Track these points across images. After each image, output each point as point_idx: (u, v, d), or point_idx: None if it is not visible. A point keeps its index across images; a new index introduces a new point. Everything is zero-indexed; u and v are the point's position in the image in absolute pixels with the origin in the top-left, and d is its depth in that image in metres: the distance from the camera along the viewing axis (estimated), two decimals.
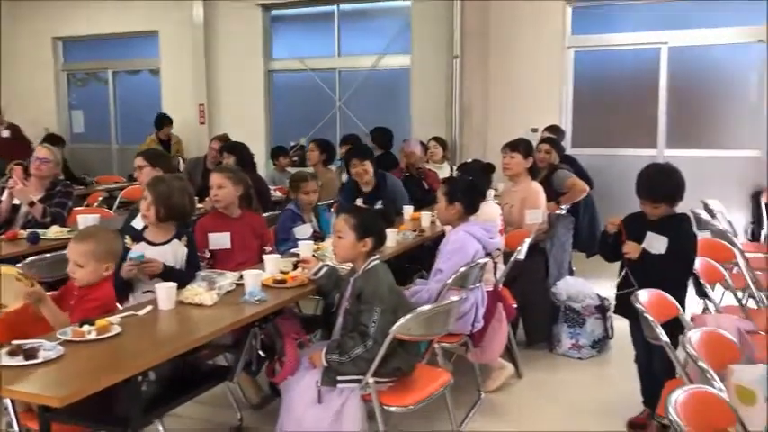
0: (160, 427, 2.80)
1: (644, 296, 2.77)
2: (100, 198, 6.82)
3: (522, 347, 4.49)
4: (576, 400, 3.93)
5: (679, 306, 2.93)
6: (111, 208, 6.33)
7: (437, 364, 3.35)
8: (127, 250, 3.13)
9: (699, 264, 3.46)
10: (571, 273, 5.38)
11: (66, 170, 7.06)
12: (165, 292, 2.72)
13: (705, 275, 3.42)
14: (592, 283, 4.78)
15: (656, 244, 3.21)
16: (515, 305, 4.21)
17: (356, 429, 2.72)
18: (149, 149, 4.49)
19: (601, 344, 4.58)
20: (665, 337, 2.58)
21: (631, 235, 3.28)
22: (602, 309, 4.57)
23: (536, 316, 4.63)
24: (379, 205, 5.09)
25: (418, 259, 4.60)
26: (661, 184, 3.22)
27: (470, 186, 3.92)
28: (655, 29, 7.32)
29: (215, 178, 3.79)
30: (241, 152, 5.31)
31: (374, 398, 2.73)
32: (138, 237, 3.20)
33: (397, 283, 4.04)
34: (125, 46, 10.03)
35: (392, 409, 2.79)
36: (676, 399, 1.73)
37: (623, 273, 3.37)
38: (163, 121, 8.76)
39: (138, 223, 3.69)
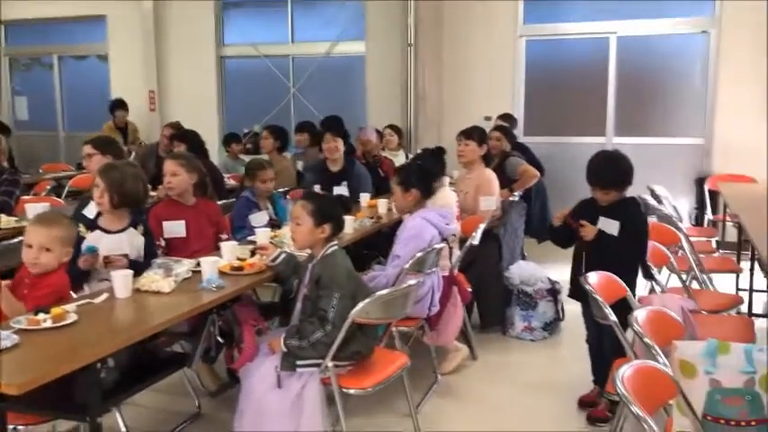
0: (118, 416, 2.79)
1: (593, 278, 2.87)
2: (48, 187, 6.66)
3: (476, 330, 4.58)
4: (529, 381, 4.05)
5: (627, 287, 3.04)
6: (59, 196, 6.20)
7: (394, 348, 3.41)
8: (81, 239, 3.08)
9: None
10: (523, 258, 5.50)
11: (11, 159, 6.88)
12: (122, 279, 2.70)
13: (652, 258, 3.55)
14: (543, 268, 4.91)
15: (609, 228, 3.32)
16: (470, 289, 4.30)
17: (316, 412, 2.75)
18: (98, 137, 4.39)
19: (552, 326, 4.71)
20: (613, 317, 2.68)
21: (584, 220, 3.37)
22: (553, 292, 4.70)
23: (490, 300, 4.73)
24: (344, 187, 5.16)
25: (375, 246, 4.65)
26: (610, 170, 3.33)
27: (423, 171, 3.98)
28: (604, 19, 7.50)
29: (168, 165, 3.75)
30: (192, 140, 5.26)
31: (333, 381, 2.77)
32: (92, 225, 3.16)
33: (356, 269, 4.10)
34: (71, 30, 9.77)
35: (351, 391, 2.84)
36: (623, 373, 1.81)
37: (581, 258, 3.47)
38: (117, 106, 8.52)
39: (89, 211, 3.63)
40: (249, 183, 4.41)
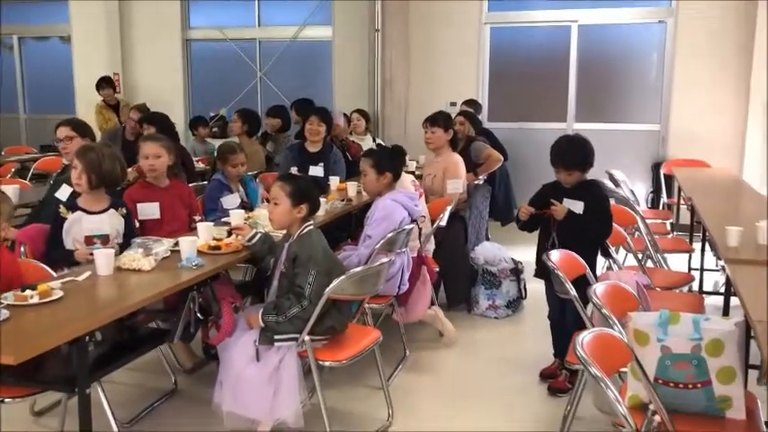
0: (100, 391, 2.86)
1: (555, 256, 3.04)
2: (12, 170, 6.60)
3: (443, 309, 4.74)
4: (493, 355, 4.23)
5: (587, 265, 3.22)
6: (23, 179, 6.16)
7: (367, 324, 3.55)
8: (63, 219, 3.15)
9: None
10: (488, 239, 5.68)
11: None
12: (104, 258, 2.77)
13: (609, 238, 3.74)
14: (507, 249, 5.09)
15: (574, 208, 3.51)
16: (437, 269, 4.46)
17: (294, 384, 2.88)
18: (74, 119, 4.39)
19: (515, 304, 4.91)
20: (573, 292, 2.86)
21: (547, 202, 3.55)
22: (516, 271, 4.89)
23: (456, 280, 4.90)
24: (320, 168, 5.27)
25: (346, 227, 4.78)
26: (573, 152, 3.52)
27: (395, 154, 4.13)
28: (566, 7, 7.69)
29: (151, 148, 3.79)
30: (161, 122, 5.27)
31: (310, 354, 2.90)
32: (73, 206, 3.21)
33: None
34: (32, 11, 9.59)
35: (327, 363, 2.97)
36: (583, 339, 1.98)
37: (547, 239, 3.64)
38: (102, 84, 8.14)
39: (62, 194, 3.68)
40: (220, 166, 4.48)
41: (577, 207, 3.44)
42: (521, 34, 7.99)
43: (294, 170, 5.04)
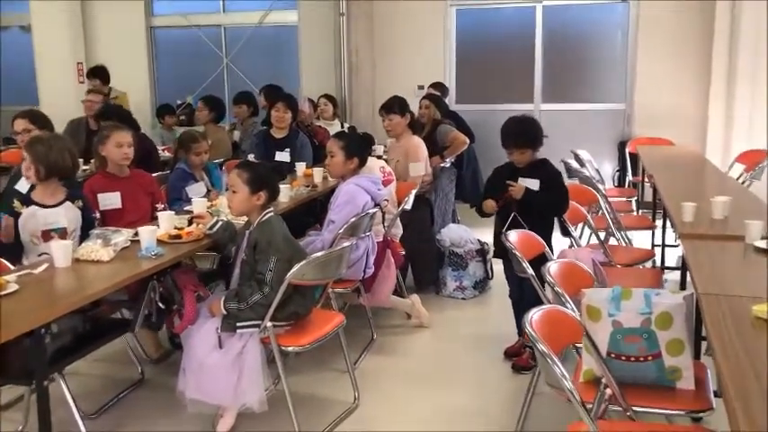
0: (63, 384, 2.86)
1: (513, 236, 3.08)
2: None
3: (411, 292, 4.79)
4: (460, 336, 4.29)
5: (545, 243, 3.27)
6: None
7: (331, 308, 3.57)
8: (17, 214, 3.12)
9: None
10: (455, 221, 5.72)
11: None
12: (61, 249, 2.76)
13: (569, 216, 3.81)
14: (475, 231, 5.14)
15: (529, 185, 3.56)
16: (403, 253, 4.49)
17: (257, 370, 2.89)
18: (31, 110, 4.34)
19: (482, 284, 4.97)
20: (531, 271, 2.91)
21: (503, 184, 3.60)
22: (482, 252, 4.94)
23: (423, 262, 4.93)
24: (286, 153, 5.26)
25: (313, 213, 4.79)
26: (523, 131, 3.58)
27: (364, 140, 4.14)
28: None
29: (125, 136, 3.76)
30: (118, 114, 5.21)
31: (272, 340, 2.91)
32: (26, 200, 3.18)
33: (294, 236, 4.24)
34: None
35: (290, 349, 2.99)
36: (532, 316, 2.02)
37: (504, 219, 3.68)
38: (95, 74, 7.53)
39: (22, 186, 3.64)
40: (183, 154, 4.45)
41: (533, 185, 3.49)
42: (486, 16, 8.02)
43: (251, 157, 5.03)
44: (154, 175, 4.95)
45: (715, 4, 6.74)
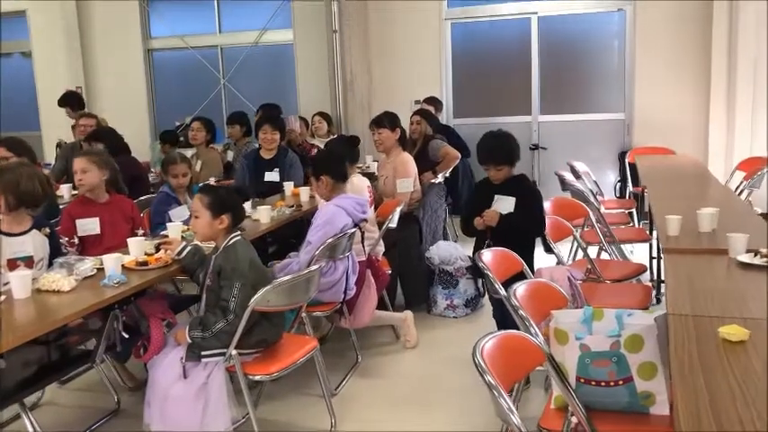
0: (24, 416, 2.79)
1: (487, 256, 2.98)
2: None
3: (401, 311, 4.68)
4: (448, 356, 4.16)
5: (524, 261, 3.17)
6: None
7: (305, 333, 3.48)
8: None
9: (547, 222, 3.73)
10: (446, 237, 5.62)
11: None
12: (19, 280, 2.70)
13: (552, 232, 3.70)
14: (467, 247, 5.02)
15: (505, 204, 3.47)
16: (390, 272, 4.40)
17: (222, 400, 2.81)
18: (10, 138, 4.34)
19: (474, 302, 4.85)
20: (503, 292, 2.80)
21: (481, 201, 3.51)
22: (473, 269, 4.83)
23: (413, 280, 4.84)
24: (275, 173, 5.22)
25: (298, 234, 4.71)
26: (499, 147, 3.48)
27: (330, 156, 4.06)
28: (525, 0, 7.64)
29: (78, 163, 3.74)
30: (109, 137, 5.20)
31: (238, 369, 2.83)
32: None
33: (277, 257, 4.17)
34: None
35: (257, 377, 2.90)
36: (484, 344, 1.92)
37: (482, 238, 3.60)
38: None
39: None
40: (165, 177, 4.41)
41: (508, 203, 3.40)
42: (481, 29, 7.94)
43: (212, 180, 5.01)
44: (143, 198, 4.94)
45: (712, 10, 6.62)
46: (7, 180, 3.05)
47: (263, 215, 4.15)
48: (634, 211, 6.31)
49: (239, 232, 3.06)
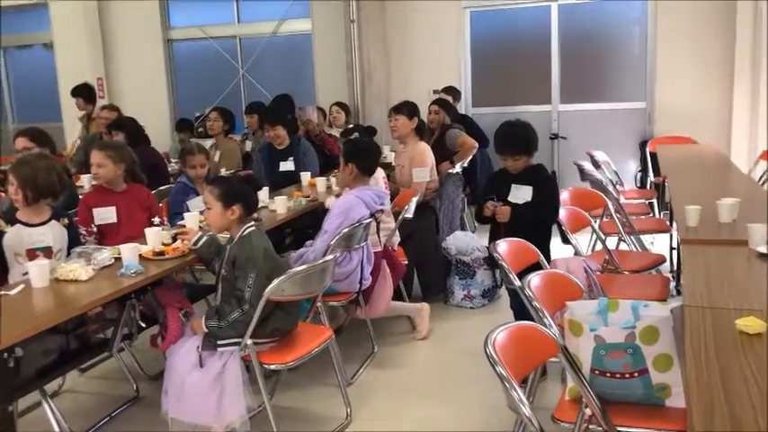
0: (45, 404, 2.84)
1: (503, 246, 2.96)
2: None
3: (419, 302, 4.68)
4: (465, 347, 4.15)
5: (540, 252, 3.14)
6: (6, 190, 6.14)
7: (320, 323, 3.49)
8: (1, 233, 3.11)
9: (564, 212, 3.70)
10: (463, 228, 5.60)
11: None
12: (38, 270, 2.73)
13: (569, 223, 3.66)
14: (483, 237, 5.00)
15: (522, 193, 3.45)
16: (407, 262, 4.40)
17: (237, 389, 2.83)
18: (32, 128, 4.38)
19: (491, 293, 4.83)
20: (518, 282, 2.78)
21: (497, 190, 3.48)
22: (490, 260, 4.81)
23: (430, 271, 4.83)
24: (290, 162, 5.23)
25: (315, 224, 4.72)
26: (517, 137, 3.45)
27: (365, 147, 4.04)
28: None
29: (95, 156, 3.77)
30: (129, 127, 5.24)
31: (253, 358, 2.85)
32: (11, 219, 3.18)
33: (294, 247, 4.18)
34: (14, 20, 9.58)
35: (272, 367, 2.92)
36: (496, 336, 1.91)
37: (498, 228, 3.57)
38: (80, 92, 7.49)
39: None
40: (183, 167, 4.43)
41: (526, 192, 3.37)
42: (501, 17, 7.85)
43: (223, 171, 5.04)
44: (162, 188, 4.98)
45: None
46: (26, 174, 3.08)
47: (279, 205, 4.16)
48: (654, 201, 6.24)
49: (254, 222, 3.06)
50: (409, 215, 4.35)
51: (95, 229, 3.78)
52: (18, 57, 9.85)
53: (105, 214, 3.78)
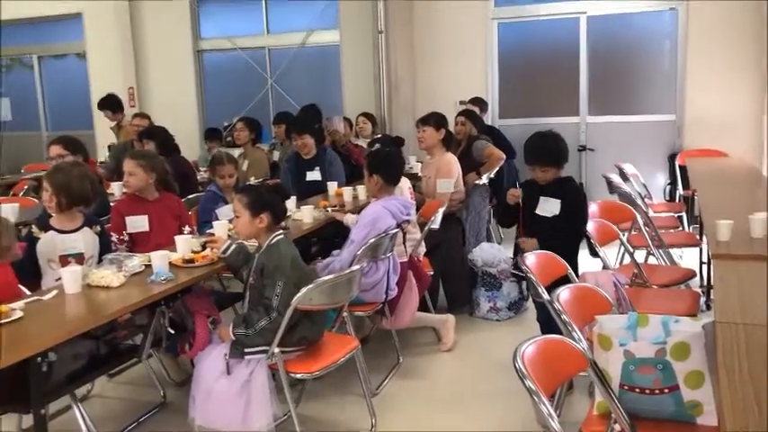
0: (75, 409, 2.88)
1: (531, 259, 2.95)
2: (25, 187, 6.74)
3: (444, 313, 4.66)
4: (491, 359, 4.14)
5: (568, 265, 3.12)
6: (39, 196, 6.26)
7: (346, 333, 3.50)
8: (35, 239, 3.17)
9: (593, 225, 3.68)
10: (489, 239, 5.57)
11: None
12: (70, 276, 2.78)
13: (598, 236, 3.63)
14: (510, 249, 4.98)
15: (550, 206, 3.43)
16: (432, 273, 4.39)
17: (264, 398, 2.85)
18: (66, 137, 4.47)
19: (518, 305, 4.80)
20: (546, 296, 2.76)
21: (526, 201, 3.47)
22: (516, 272, 4.78)
23: (456, 282, 4.82)
24: (316, 172, 5.27)
25: (341, 234, 4.74)
26: (547, 149, 3.44)
27: (389, 157, 4.05)
28: None
29: (127, 164, 3.83)
30: (160, 136, 5.32)
31: (280, 366, 2.86)
32: (45, 226, 3.24)
33: (320, 256, 4.20)
34: (49, 30, 9.81)
35: (298, 376, 2.93)
36: (525, 349, 1.90)
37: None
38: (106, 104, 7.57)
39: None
40: (212, 176, 4.48)
41: (553, 205, 3.35)
42: (529, 29, 7.84)
43: (252, 180, 5.07)
44: (191, 196, 5.04)
45: (767, 8, 6.41)
46: (60, 182, 3.14)
47: (305, 215, 4.18)
48: (684, 214, 6.16)
49: (282, 231, 3.09)
50: (435, 226, 4.34)
51: (127, 237, 3.83)
52: (52, 66, 10.06)
53: (138, 222, 3.84)
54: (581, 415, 2.71)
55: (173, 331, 2.99)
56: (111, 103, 7.47)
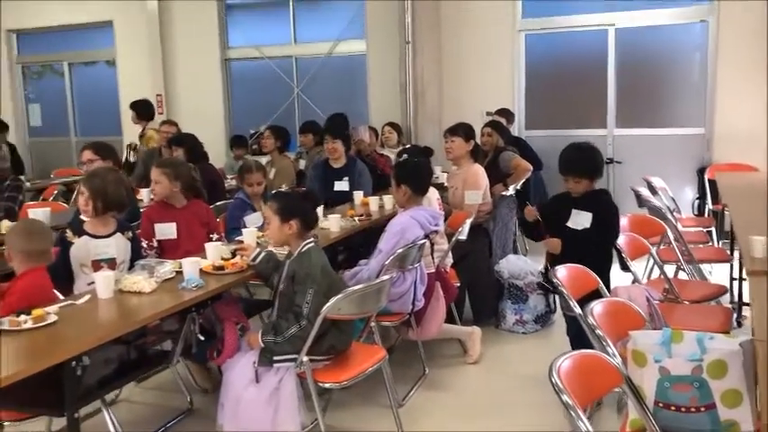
0: (105, 413, 2.91)
1: (562, 272, 2.92)
2: (55, 191, 6.84)
3: (469, 325, 4.64)
4: (517, 373, 4.11)
5: (599, 279, 3.09)
6: (68, 201, 6.35)
7: (374, 343, 3.49)
8: (69, 243, 3.21)
9: (624, 239, 3.64)
10: (515, 251, 5.54)
11: (17, 164, 7.05)
12: (104, 281, 2.81)
13: (629, 250, 3.60)
14: (538, 261, 4.94)
15: (581, 219, 3.40)
16: (459, 284, 4.38)
17: (292, 406, 2.85)
18: (97, 142, 4.53)
19: (544, 318, 4.77)
20: (578, 310, 2.74)
21: (558, 214, 3.45)
22: (544, 285, 4.74)
23: (482, 294, 4.79)
24: (345, 182, 5.28)
25: (368, 243, 4.74)
26: (581, 160, 3.42)
27: (417, 168, 4.06)
28: (602, 11, 7.48)
29: (153, 173, 3.88)
30: (189, 143, 5.37)
31: (308, 375, 2.86)
32: (79, 230, 3.28)
33: (346, 266, 4.20)
34: (80, 37, 9.97)
35: (327, 385, 2.93)
36: (561, 364, 1.88)
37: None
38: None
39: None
40: (240, 184, 4.51)
41: (585, 218, 3.33)
42: (556, 40, 7.81)
43: (284, 187, 5.09)
44: (219, 203, 5.08)
45: None
46: (97, 186, 3.19)
47: (332, 224, 4.19)
48: (713, 229, 6.07)
49: (312, 239, 3.09)
50: (463, 237, 4.33)
51: (156, 244, 3.87)
52: (82, 72, 10.22)
53: (167, 230, 3.87)
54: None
55: (203, 338, 3.00)
56: (139, 108, 7.54)
